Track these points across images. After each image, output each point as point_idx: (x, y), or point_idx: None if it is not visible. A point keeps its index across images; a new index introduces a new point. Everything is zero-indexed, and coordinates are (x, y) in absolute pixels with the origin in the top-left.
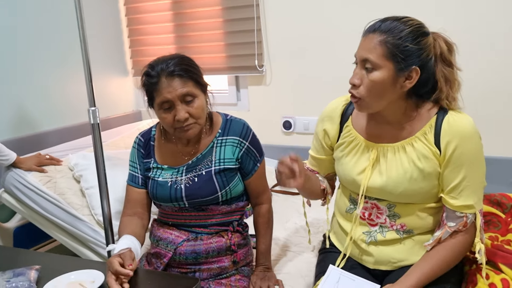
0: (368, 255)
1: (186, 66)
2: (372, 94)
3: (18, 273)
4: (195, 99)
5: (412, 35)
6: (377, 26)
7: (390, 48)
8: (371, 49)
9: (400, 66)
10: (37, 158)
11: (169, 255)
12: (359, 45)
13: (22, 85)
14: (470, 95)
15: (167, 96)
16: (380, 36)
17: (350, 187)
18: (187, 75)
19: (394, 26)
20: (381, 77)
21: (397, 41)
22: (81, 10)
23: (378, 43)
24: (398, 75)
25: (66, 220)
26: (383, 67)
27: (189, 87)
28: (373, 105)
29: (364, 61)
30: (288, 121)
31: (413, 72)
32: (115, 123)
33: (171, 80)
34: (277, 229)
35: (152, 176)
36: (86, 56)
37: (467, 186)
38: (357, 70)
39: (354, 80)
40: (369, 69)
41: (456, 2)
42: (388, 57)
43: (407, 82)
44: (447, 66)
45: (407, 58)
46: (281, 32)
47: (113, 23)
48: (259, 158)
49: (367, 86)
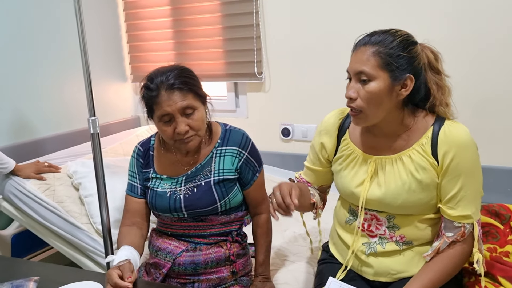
0: (367, 267)
1: (185, 78)
2: (371, 105)
3: (16, 284)
4: (195, 111)
5: (403, 45)
6: (367, 40)
7: (384, 58)
8: (364, 61)
9: (395, 75)
10: (35, 165)
11: (168, 265)
12: (351, 60)
13: (21, 91)
14: (468, 105)
15: (167, 110)
16: (372, 47)
17: (349, 200)
18: (186, 88)
19: (384, 38)
20: (377, 88)
21: (389, 51)
22: (81, 16)
23: (371, 54)
24: (393, 84)
25: (64, 228)
26: (379, 77)
27: (189, 100)
28: (372, 117)
29: (358, 74)
30: (286, 128)
31: (408, 80)
32: (113, 129)
33: (171, 93)
34: (276, 238)
35: (151, 186)
36: (86, 66)
37: (465, 196)
38: (352, 84)
39: (350, 94)
40: (365, 81)
41: (452, 10)
42: (382, 67)
43: (403, 91)
44: (436, 73)
45: (400, 66)
46: (280, 39)
47: (112, 29)
48: (258, 168)
49: (364, 98)
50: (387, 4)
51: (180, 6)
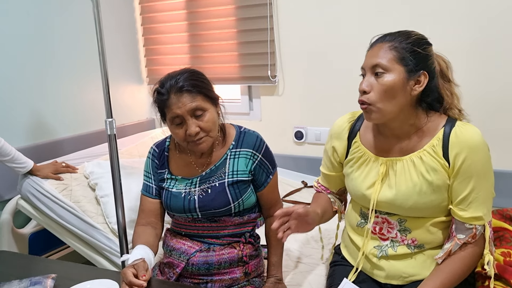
0: (379, 270)
1: (194, 81)
2: (384, 99)
3: (35, 281)
4: (205, 113)
5: (419, 42)
6: (383, 38)
7: (400, 51)
8: (381, 55)
9: (410, 69)
10: (53, 166)
11: (181, 265)
12: (366, 56)
13: (40, 93)
14: (482, 108)
15: (177, 112)
16: (389, 43)
17: (360, 202)
18: (195, 90)
19: (400, 35)
20: (392, 80)
21: (406, 45)
22: (99, 20)
23: (388, 48)
24: (408, 78)
25: (81, 227)
26: (394, 70)
27: (198, 101)
28: (384, 111)
29: (374, 67)
30: (299, 131)
31: (422, 76)
32: (129, 131)
33: (180, 96)
34: (288, 240)
35: (166, 187)
36: (104, 69)
37: (476, 197)
38: (366, 78)
39: (364, 87)
40: (380, 73)
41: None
42: (398, 61)
43: (416, 86)
44: (446, 82)
45: (416, 61)
46: (294, 43)
47: (129, 32)
48: (272, 170)
49: (378, 90)
50: (401, 7)
51: (195, 10)
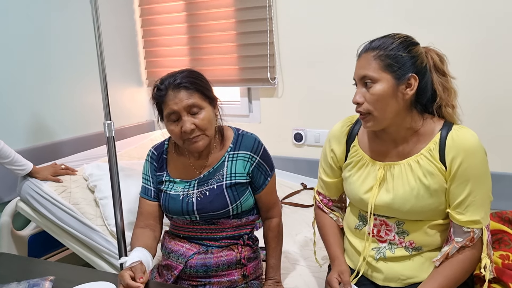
0: (377, 272)
1: (192, 78)
2: (377, 108)
3: (33, 284)
4: (201, 111)
5: (402, 45)
6: (368, 46)
7: (384, 60)
8: (366, 66)
9: (397, 75)
10: (52, 168)
11: (180, 267)
12: (355, 67)
13: (39, 95)
14: (481, 111)
15: (173, 107)
16: (373, 52)
17: (358, 206)
18: (193, 87)
19: (384, 41)
20: (381, 89)
21: (389, 52)
22: (98, 21)
23: (372, 58)
24: (397, 84)
25: (79, 229)
26: (382, 79)
27: (194, 98)
28: (380, 119)
29: (362, 78)
30: (299, 133)
31: (412, 79)
32: (128, 133)
33: (178, 92)
34: (287, 242)
35: (165, 189)
36: (103, 71)
37: (473, 201)
38: (358, 89)
39: (357, 99)
40: (369, 84)
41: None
42: (384, 69)
43: (408, 90)
44: (441, 75)
45: (402, 66)
46: (294, 45)
47: (129, 34)
48: (270, 172)
49: (370, 101)
50: (401, 11)
51: (195, 12)
